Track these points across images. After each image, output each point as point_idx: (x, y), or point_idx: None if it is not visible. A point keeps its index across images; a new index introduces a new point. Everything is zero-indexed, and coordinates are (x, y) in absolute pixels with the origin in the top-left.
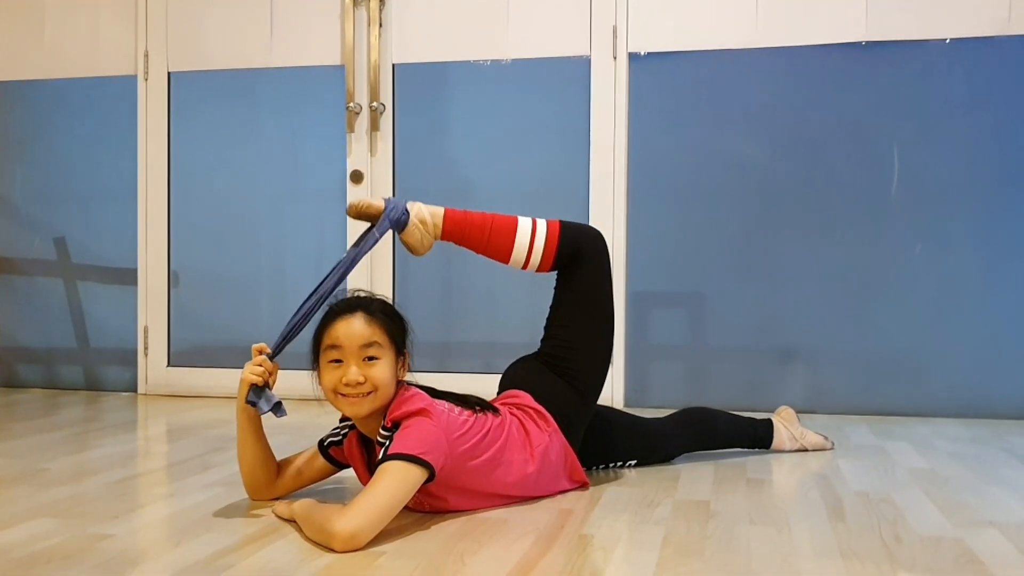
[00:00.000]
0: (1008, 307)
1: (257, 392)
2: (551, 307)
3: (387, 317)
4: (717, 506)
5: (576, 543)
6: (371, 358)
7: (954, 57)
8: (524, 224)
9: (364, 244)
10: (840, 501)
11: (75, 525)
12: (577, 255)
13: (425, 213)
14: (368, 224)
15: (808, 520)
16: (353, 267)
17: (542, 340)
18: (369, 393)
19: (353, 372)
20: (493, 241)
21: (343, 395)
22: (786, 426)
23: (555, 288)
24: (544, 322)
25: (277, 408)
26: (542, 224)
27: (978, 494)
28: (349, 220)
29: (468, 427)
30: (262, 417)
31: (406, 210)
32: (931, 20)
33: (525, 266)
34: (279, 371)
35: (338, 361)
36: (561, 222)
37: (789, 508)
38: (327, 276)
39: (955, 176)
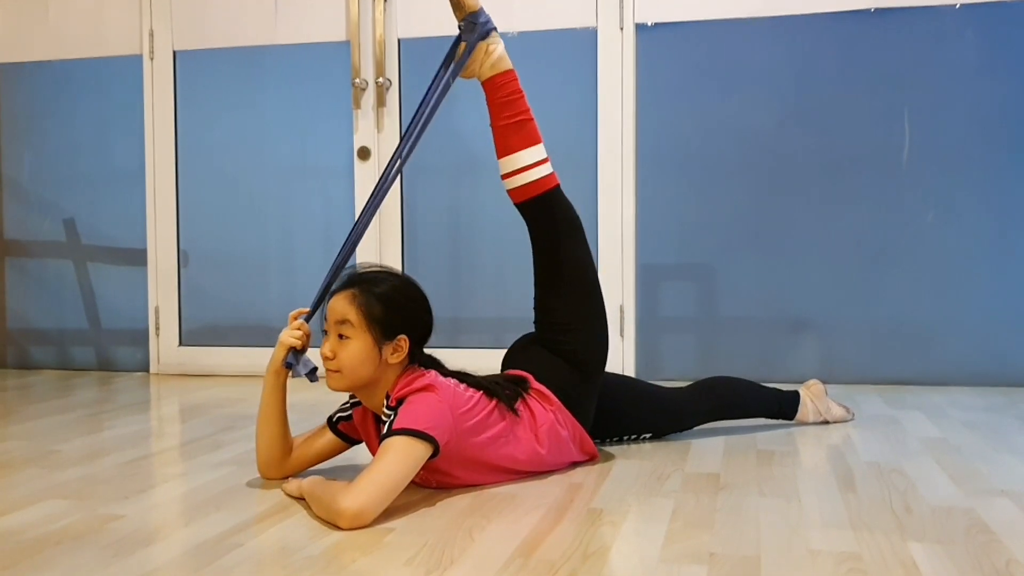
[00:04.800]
0: (1019, 274)
1: (295, 355)
2: (535, 287)
3: (378, 299)
4: (727, 478)
5: (585, 517)
6: (343, 336)
7: (965, 22)
8: (539, 150)
9: (439, 92)
10: (851, 472)
11: (86, 506)
12: (546, 216)
13: (496, 54)
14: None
15: (818, 491)
16: (425, 129)
17: (534, 323)
18: (338, 370)
19: (326, 346)
20: (510, 130)
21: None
22: (812, 400)
23: (534, 266)
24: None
25: (312, 373)
26: (548, 167)
27: (990, 462)
28: (356, 196)
29: (474, 403)
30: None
31: (493, 30)
32: None
33: (506, 177)
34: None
35: (326, 333)
36: (559, 185)
37: (799, 479)
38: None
39: (967, 144)
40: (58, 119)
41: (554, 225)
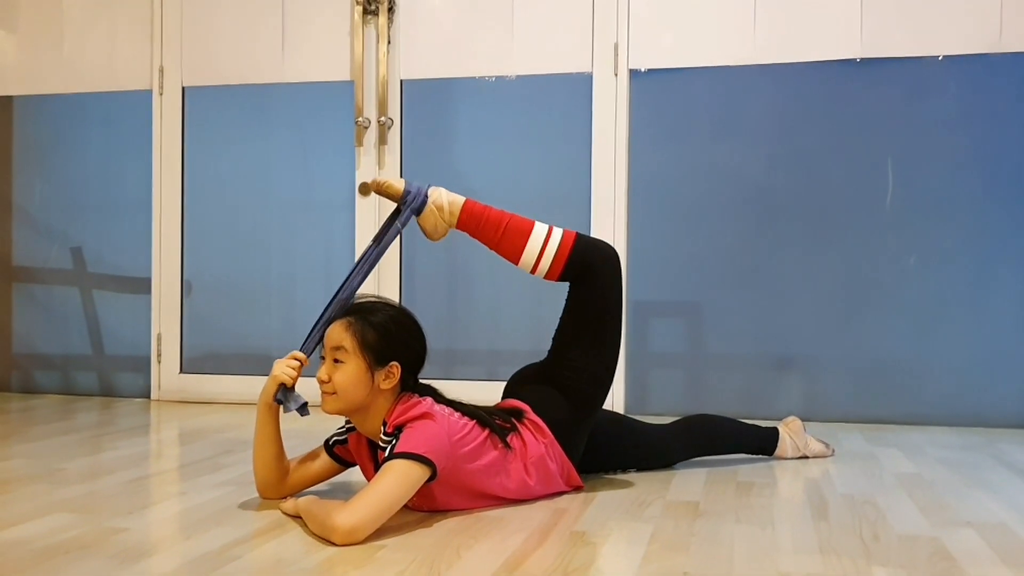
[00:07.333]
0: (999, 317)
1: (285, 393)
2: (560, 319)
3: (372, 327)
4: (706, 506)
5: (568, 539)
6: (338, 361)
7: (947, 74)
8: (539, 230)
9: (387, 237)
10: (825, 502)
11: (92, 519)
12: (587, 271)
13: (444, 200)
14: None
15: (792, 519)
16: (377, 262)
17: (549, 351)
18: (333, 392)
19: (322, 370)
20: (505, 241)
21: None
22: (791, 436)
23: (566, 300)
24: (551, 332)
25: (303, 408)
26: (557, 233)
27: (960, 496)
28: (357, 230)
29: (468, 431)
30: (280, 417)
31: (426, 196)
32: (924, 38)
33: (533, 271)
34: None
35: (324, 359)
36: (577, 235)
37: (775, 508)
38: (351, 274)
39: (947, 189)
40: (69, 150)
41: (595, 280)
